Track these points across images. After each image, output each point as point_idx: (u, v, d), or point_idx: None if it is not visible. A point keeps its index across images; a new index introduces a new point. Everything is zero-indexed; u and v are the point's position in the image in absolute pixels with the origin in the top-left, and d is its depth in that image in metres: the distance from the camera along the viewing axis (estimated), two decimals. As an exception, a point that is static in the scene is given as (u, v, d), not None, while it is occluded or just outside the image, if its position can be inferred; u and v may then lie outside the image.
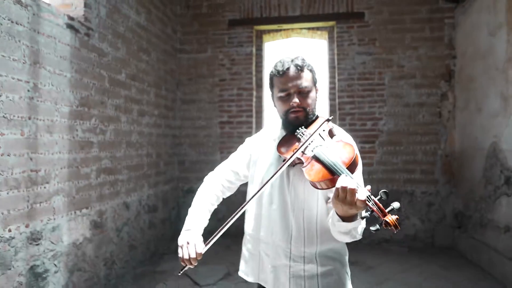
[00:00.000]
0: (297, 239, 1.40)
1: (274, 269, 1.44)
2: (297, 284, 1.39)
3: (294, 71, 1.39)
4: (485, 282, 3.66)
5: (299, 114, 1.40)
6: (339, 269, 1.42)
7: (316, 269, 1.39)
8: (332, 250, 1.42)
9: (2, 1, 2.39)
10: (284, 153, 1.39)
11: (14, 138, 2.50)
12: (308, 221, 1.39)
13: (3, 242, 2.40)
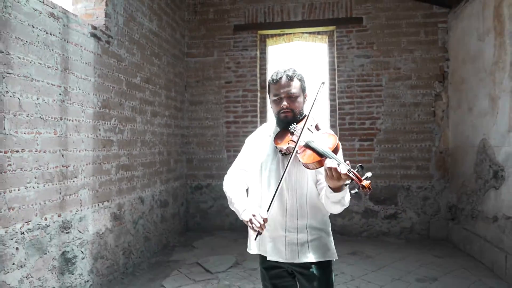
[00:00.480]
0: (291, 213, 1.71)
1: (272, 240, 1.75)
2: (292, 249, 1.71)
3: (285, 80, 1.72)
4: (476, 270, 3.95)
5: (288, 114, 1.73)
6: (325, 236, 1.74)
7: (306, 237, 1.71)
8: (319, 222, 1.74)
9: (38, 15, 2.69)
10: (279, 143, 1.72)
11: (48, 137, 2.79)
12: (299, 199, 1.71)
13: (40, 229, 2.70)
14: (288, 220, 1.72)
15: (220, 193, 5.73)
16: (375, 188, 5.37)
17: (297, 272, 1.74)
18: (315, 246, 1.71)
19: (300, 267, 1.71)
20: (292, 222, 1.71)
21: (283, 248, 1.72)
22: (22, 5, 2.53)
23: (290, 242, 1.72)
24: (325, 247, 1.73)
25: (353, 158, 5.43)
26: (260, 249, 1.80)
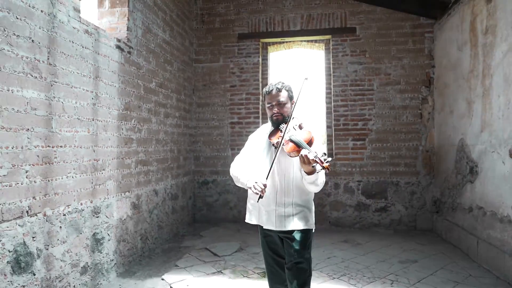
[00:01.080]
0: (280, 192, 2.23)
1: (267, 213, 2.25)
2: (280, 220, 2.22)
3: (275, 91, 2.27)
4: (453, 254, 4.45)
5: (279, 117, 2.27)
6: (307, 211, 2.26)
7: (292, 211, 2.22)
8: (303, 200, 2.26)
9: (76, 32, 3.20)
10: (271, 139, 2.26)
11: (84, 135, 3.31)
12: (287, 182, 2.23)
13: (77, 213, 3.21)
14: (278, 198, 2.23)
15: (225, 188, 6.25)
16: (367, 184, 5.87)
17: (284, 237, 2.25)
18: (298, 218, 2.22)
19: (286, 233, 2.22)
20: (281, 199, 2.22)
21: (274, 220, 2.23)
22: (65, 25, 3.05)
23: (279, 214, 2.22)
24: (306, 219, 2.24)
25: (347, 156, 5.95)
26: (259, 221, 2.31)
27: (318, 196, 5.89)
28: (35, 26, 2.72)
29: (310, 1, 6.10)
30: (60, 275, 2.96)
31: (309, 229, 2.26)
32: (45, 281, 2.79)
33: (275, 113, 2.26)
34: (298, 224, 2.21)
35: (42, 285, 2.76)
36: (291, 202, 2.23)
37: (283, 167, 2.24)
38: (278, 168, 2.23)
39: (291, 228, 2.20)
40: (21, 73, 2.59)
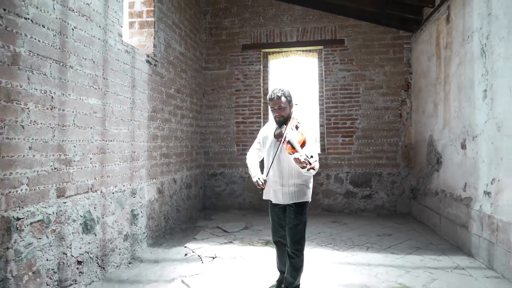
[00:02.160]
0: (285, 176, 3.05)
1: (274, 191, 3.11)
2: (285, 196, 3.02)
3: (276, 98, 3.04)
4: (422, 230, 5.36)
5: (280, 118, 3.04)
6: (305, 188, 3.06)
7: (294, 189, 3.03)
8: (303, 180, 3.04)
9: (120, 52, 4.13)
10: (276, 137, 3.04)
11: (125, 132, 4.23)
12: (290, 168, 3.05)
13: (121, 192, 4.13)
14: (284, 180, 3.05)
15: (231, 179, 7.18)
16: (355, 174, 6.80)
17: (287, 207, 3.10)
18: (298, 194, 3.03)
19: (289, 205, 3.08)
20: (286, 181, 3.04)
21: (280, 196, 3.07)
22: (112, 47, 3.97)
23: (284, 192, 3.05)
24: (304, 194, 3.06)
25: (337, 150, 6.88)
26: (270, 197, 3.18)
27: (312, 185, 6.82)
28: (95, 50, 3.64)
29: (305, 16, 7.02)
30: (111, 238, 3.89)
31: (306, 202, 3.07)
32: (101, 241, 3.71)
33: (277, 115, 3.04)
34: (298, 198, 3.00)
35: (100, 244, 3.68)
36: (294, 182, 3.00)
37: (286, 157, 3.00)
38: (283, 158, 3.01)
39: (293, 202, 3.00)
40: (87, 86, 3.51)
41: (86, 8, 3.49)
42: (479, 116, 4.01)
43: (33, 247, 2.80)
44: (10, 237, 2.58)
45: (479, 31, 3.99)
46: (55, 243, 3.04)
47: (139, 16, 5.08)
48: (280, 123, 3.04)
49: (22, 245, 2.69)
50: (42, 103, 2.91)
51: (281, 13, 7.09)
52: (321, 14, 6.95)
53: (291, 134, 2.88)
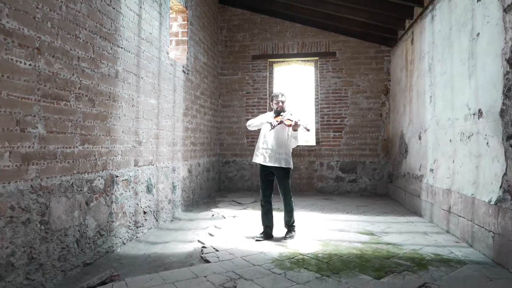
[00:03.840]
0: (276, 146, 4.53)
1: (268, 156, 4.51)
2: (275, 161, 4.44)
3: (280, 95, 4.59)
4: (393, 203, 6.87)
5: (280, 109, 4.55)
6: (289, 158, 4.51)
7: (282, 157, 4.46)
8: (288, 152, 4.51)
9: (167, 65, 5.64)
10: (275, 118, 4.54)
11: (169, 124, 5.75)
12: (281, 141, 4.54)
13: (166, 168, 5.64)
14: (276, 149, 4.52)
15: (242, 166, 8.69)
16: (343, 163, 8.32)
17: (275, 171, 4.55)
18: (284, 161, 4.51)
19: (277, 169, 4.53)
20: (278, 150, 4.49)
21: (273, 160, 4.54)
22: (163, 62, 5.48)
23: (276, 158, 4.51)
24: (288, 162, 4.54)
25: (329, 143, 8.39)
26: (262, 161, 4.63)
27: (308, 171, 8.36)
28: (154, 65, 5.16)
29: (304, 33, 8.54)
30: (161, 200, 5.41)
31: (290, 168, 4.56)
32: (156, 201, 5.23)
33: (279, 106, 4.55)
34: (284, 164, 4.45)
35: (155, 203, 5.20)
36: (282, 152, 4.49)
37: (279, 135, 4.49)
38: (277, 135, 4.49)
39: (280, 166, 4.45)
40: (149, 90, 5.03)
41: (149, 36, 5.01)
42: (427, 115, 5.53)
43: (123, 196, 4.32)
44: (113, 187, 4.10)
45: (428, 53, 5.51)
46: (133, 196, 4.56)
47: (176, 35, 6.60)
48: (279, 112, 4.54)
49: (118, 193, 4.21)
50: (128, 102, 4.43)
51: (284, 30, 8.61)
52: (317, 31, 8.46)
53: (290, 116, 4.42)
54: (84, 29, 3.55)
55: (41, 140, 3.00)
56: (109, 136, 4.01)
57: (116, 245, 4.13)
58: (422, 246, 3.95)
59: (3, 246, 2.62)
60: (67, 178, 3.31)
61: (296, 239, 4.33)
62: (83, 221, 3.54)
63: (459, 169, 4.38)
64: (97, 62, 3.78)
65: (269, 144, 4.46)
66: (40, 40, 2.98)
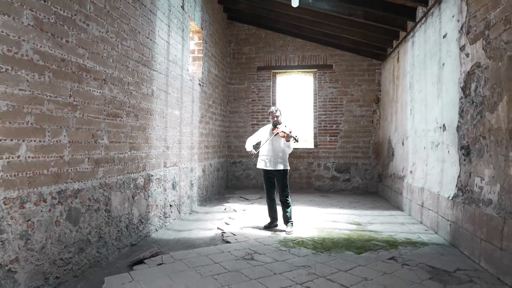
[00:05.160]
0: (274, 153, 5.47)
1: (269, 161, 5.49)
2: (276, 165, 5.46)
3: (275, 111, 5.54)
4: (381, 200, 7.86)
5: (275, 122, 5.50)
6: (286, 162, 5.48)
7: (281, 161, 5.43)
8: (285, 157, 5.46)
9: (187, 80, 6.61)
10: (272, 131, 5.53)
11: (189, 130, 6.72)
12: (278, 149, 5.47)
13: (186, 168, 6.62)
14: (275, 155, 5.48)
15: (247, 166, 9.68)
16: (338, 164, 9.32)
17: (276, 173, 5.53)
18: (282, 164, 5.50)
19: (277, 171, 5.50)
20: (276, 156, 5.47)
21: (273, 165, 5.51)
22: (184, 78, 6.45)
23: (275, 162, 5.50)
24: (286, 164, 5.52)
25: (325, 146, 9.38)
26: (265, 166, 5.61)
27: (307, 171, 9.35)
28: (178, 82, 6.14)
29: (304, 47, 9.52)
30: (182, 195, 6.39)
31: (287, 169, 5.52)
32: (179, 196, 6.21)
33: (275, 120, 5.46)
34: (283, 167, 5.42)
35: (178, 198, 6.18)
36: (280, 157, 5.43)
37: (276, 144, 5.40)
38: (275, 143, 5.43)
39: (280, 168, 5.41)
40: (174, 104, 6.00)
41: (175, 58, 5.99)
42: (408, 125, 6.52)
43: (156, 192, 5.30)
44: (149, 184, 5.08)
45: (409, 73, 6.50)
46: (162, 192, 5.54)
47: (193, 52, 7.58)
48: (275, 125, 5.48)
49: (152, 190, 5.19)
50: (160, 114, 5.41)
51: (286, 44, 9.59)
52: (316, 45, 9.44)
53: (283, 128, 5.35)
54: (131, 60, 4.53)
55: (106, 148, 3.98)
56: (147, 143, 4.99)
57: (151, 231, 5.11)
58: (397, 233, 4.94)
59: (84, 227, 3.61)
60: (120, 177, 4.29)
61: (297, 226, 5.31)
62: (130, 211, 4.52)
63: (430, 171, 5.37)
64: (140, 84, 4.76)
65: (268, 152, 5.40)
66: (105, 73, 3.96)
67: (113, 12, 4.08)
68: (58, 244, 3.21)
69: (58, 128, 3.24)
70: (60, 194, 3.24)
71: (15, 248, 2.77)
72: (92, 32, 3.70)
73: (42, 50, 3.02)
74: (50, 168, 3.13)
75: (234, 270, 3.46)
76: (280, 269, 3.50)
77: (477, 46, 3.94)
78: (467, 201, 4.06)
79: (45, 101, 3.07)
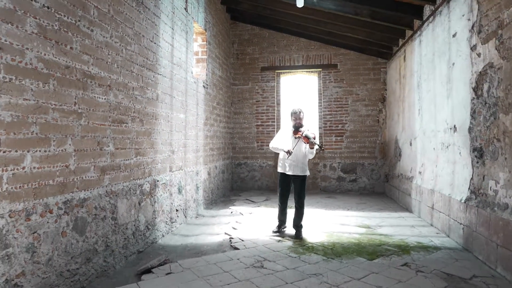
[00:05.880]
0: (297, 159, 5.45)
1: (290, 166, 5.45)
2: (296, 170, 5.39)
3: (298, 112, 5.44)
4: (388, 201, 7.77)
5: (298, 125, 5.42)
6: (306, 167, 5.42)
7: (301, 166, 5.41)
8: (305, 163, 5.39)
9: (191, 83, 6.53)
10: (294, 134, 5.45)
11: (194, 133, 6.65)
12: (300, 154, 5.44)
13: (192, 172, 6.55)
14: (297, 161, 5.43)
15: (252, 168, 9.60)
16: (344, 164, 9.22)
17: (294, 178, 5.45)
18: (303, 170, 5.44)
19: (296, 176, 5.44)
20: (298, 162, 5.43)
21: (293, 170, 5.47)
22: (188, 80, 6.38)
23: (296, 167, 5.46)
24: (305, 170, 5.47)
25: (331, 146, 9.29)
26: (285, 170, 5.57)
27: (312, 172, 9.26)
28: (182, 85, 6.06)
29: (308, 46, 9.42)
30: (188, 199, 6.32)
31: (306, 175, 5.42)
32: (185, 200, 6.15)
33: (298, 122, 5.35)
34: (302, 172, 5.36)
35: (184, 202, 6.11)
36: (300, 163, 5.34)
37: (298, 149, 5.31)
38: (297, 148, 5.34)
39: (299, 174, 5.33)
40: (179, 107, 5.93)
41: (179, 61, 5.91)
42: (416, 125, 6.42)
43: (162, 197, 5.24)
44: (155, 190, 5.02)
45: (416, 72, 6.39)
46: (168, 197, 5.47)
47: (196, 54, 7.50)
48: (297, 128, 5.34)
49: (158, 195, 5.12)
50: (165, 119, 5.34)
51: (290, 44, 9.49)
52: (320, 45, 9.34)
53: (307, 132, 5.19)
54: (136, 64, 4.46)
55: (111, 155, 3.91)
56: (152, 149, 4.92)
57: (158, 237, 5.05)
58: (408, 236, 4.86)
59: (91, 236, 3.54)
60: (127, 183, 4.22)
61: (306, 230, 5.23)
62: (137, 218, 4.46)
63: (440, 173, 5.27)
64: (145, 89, 4.69)
65: (290, 157, 5.24)
66: (110, 78, 3.89)
67: (117, 17, 4.01)
68: (64, 256, 3.15)
69: (63, 137, 3.17)
70: (66, 204, 3.18)
71: (21, 262, 2.70)
72: (97, 37, 3.63)
73: (46, 58, 2.95)
74: (56, 178, 3.07)
75: (244, 279, 3.38)
76: (292, 278, 3.43)
77: (490, 46, 3.84)
78: (481, 204, 3.97)
79: (50, 110, 3.00)
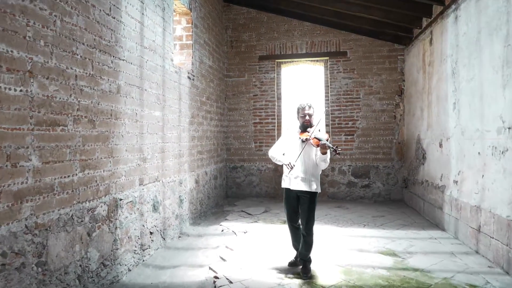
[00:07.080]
0: (304, 169, 4.21)
1: (295, 180, 4.22)
2: (302, 184, 4.13)
3: (307, 108, 4.13)
4: (410, 212, 6.55)
5: (307, 123, 4.13)
6: (316, 181, 4.10)
7: (309, 180, 4.16)
8: (316, 175, 4.12)
9: (172, 73, 5.30)
10: (301, 136, 4.20)
11: (175, 135, 5.42)
12: (309, 163, 4.19)
13: (173, 182, 5.33)
14: (303, 172, 4.17)
15: (250, 171, 8.38)
16: (355, 167, 7.99)
17: (301, 195, 4.19)
18: (311, 184, 4.16)
19: (302, 192, 4.15)
20: (304, 173, 4.12)
21: (298, 184, 4.19)
22: (167, 70, 5.14)
23: (302, 181, 4.20)
24: (315, 185, 4.18)
25: (340, 146, 8.03)
26: (289, 185, 4.32)
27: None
28: (158, 74, 4.83)
29: (313, 31, 8.15)
30: (168, 217, 5.11)
31: (316, 192, 4.03)
32: (163, 218, 4.93)
33: (306, 120, 3.96)
34: (310, 188, 3.99)
35: (162, 221, 4.90)
36: (310, 175, 4.01)
37: (307, 155, 4.02)
38: (305, 155, 4.03)
39: (306, 190, 3.97)
40: (154, 102, 4.70)
41: (153, 44, 4.67)
42: (450, 123, 5.18)
43: (128, 219, 4.02)
44: (117, 211, 3.80)
45: (451, 56, 5.13)
46: (138, 218, 4.26)
47: (180, 39, 6.25)
48: (306, 127, 3.97)
49: (122, 218, 3.91)
50: (131, 118, 4.11)
51: (292, 29, 8.23)
52: (327, 29, 8.08)
53: (318, 133, 3.87)
54: (81, 44, 3.22)
55: (35, 173, 2.69)
56: (111, 158, 3.69)
57: (122, 274, 3.84)
58: (454, 273, 3.63)
59: (-5, 299, 2.33)
60: (66, 210, 3.01)
61: (316, 264, 4.01)
62: (84, 255, 3.25)
63: (490, 186, 4.04)
64: (97, 78, 3.45)
65: (299, 166, 3.94)
66: (32, 61, 2.65)
67: (42, -29, 2.77)
68: None
69: None
70: None
71: None
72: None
73: None
74: None
75: None
76: None
77: None
78: None
79: None
